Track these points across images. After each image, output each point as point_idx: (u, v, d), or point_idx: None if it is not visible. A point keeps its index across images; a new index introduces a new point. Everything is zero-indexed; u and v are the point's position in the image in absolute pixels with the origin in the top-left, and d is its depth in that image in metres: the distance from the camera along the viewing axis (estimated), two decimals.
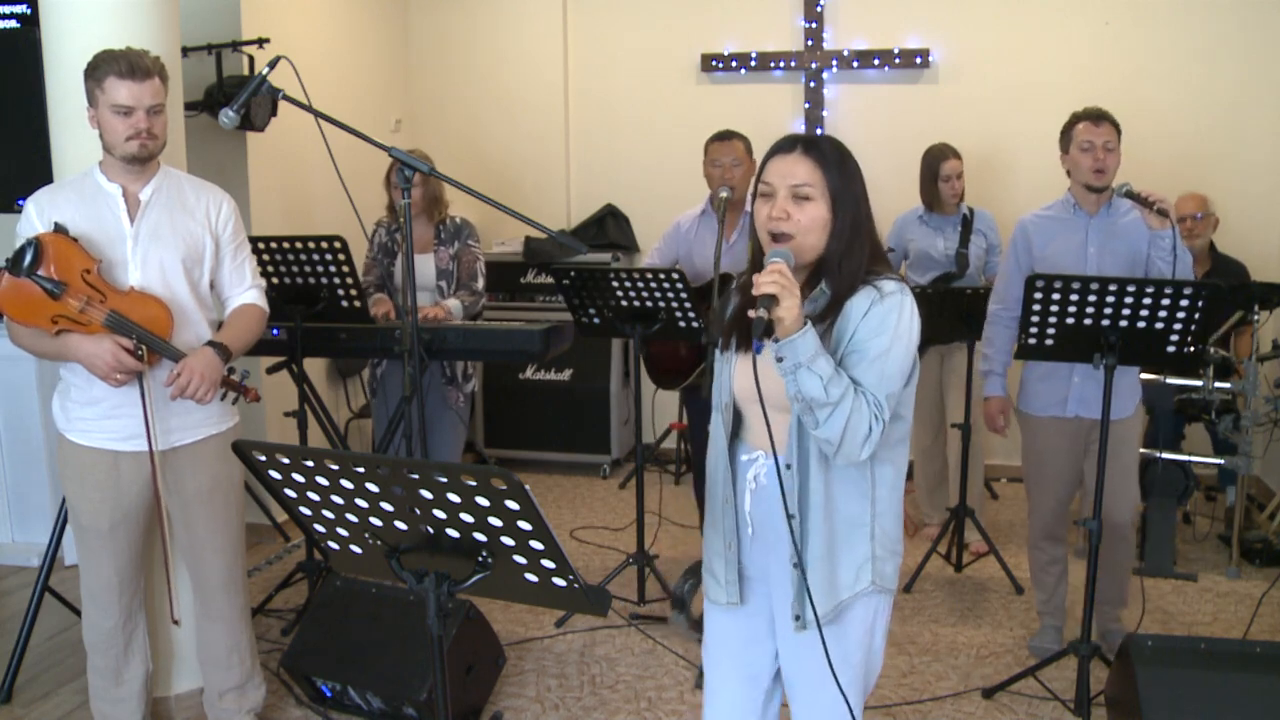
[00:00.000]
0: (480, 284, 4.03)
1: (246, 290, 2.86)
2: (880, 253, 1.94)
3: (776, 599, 2.00)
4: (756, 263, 1.95)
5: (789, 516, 1.88)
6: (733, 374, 1.98)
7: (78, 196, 2.64)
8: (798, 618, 1.92)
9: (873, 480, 1.92)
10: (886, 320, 1.83)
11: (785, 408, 1.85)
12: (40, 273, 2.51)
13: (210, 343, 2.69)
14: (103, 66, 2.54)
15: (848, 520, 1.91)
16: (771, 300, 1.73)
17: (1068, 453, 3.37)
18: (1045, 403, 3.36)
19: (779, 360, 1.77)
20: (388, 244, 4.06)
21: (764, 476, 1.96)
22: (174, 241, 2.68)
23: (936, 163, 4.51)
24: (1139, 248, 3.16)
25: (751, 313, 1.75)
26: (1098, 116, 3.23)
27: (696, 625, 3.61)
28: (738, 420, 2.02)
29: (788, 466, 1.89)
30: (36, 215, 2.62)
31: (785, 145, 1.90)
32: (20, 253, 2.52)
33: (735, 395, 1.98)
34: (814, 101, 5.58)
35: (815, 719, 2.00)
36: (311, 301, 3.62)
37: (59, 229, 2.56)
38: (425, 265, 3.94)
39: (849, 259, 1.87)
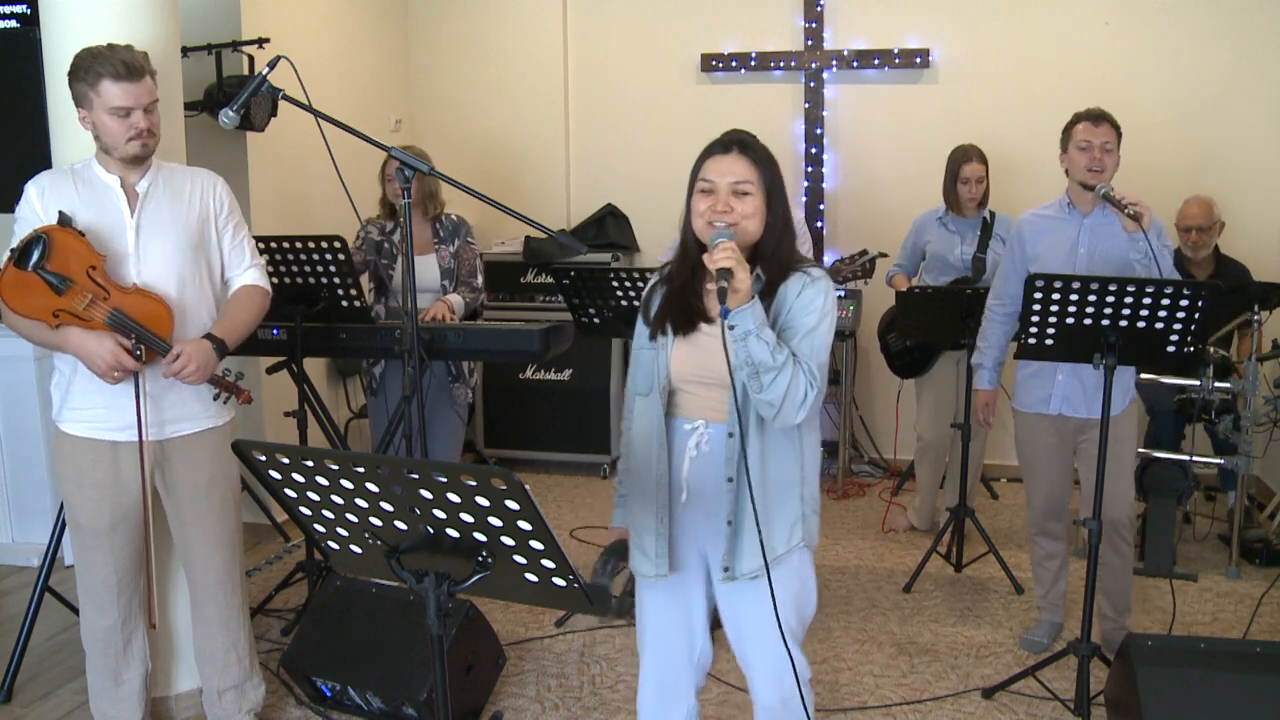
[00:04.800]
0: (480, 280, 4.04)
1: (247, 269, 2.88)
2: (796, 242, 2.19)
3: (712, 556, 2.19)
4: (687, 253, 2.15)
5: (728, 480, 2.09)
6: (670, 358, 2.14)
7: (77, 187, 2.63)
8: (726, 569, 2.13)
9: (801, 446, 2.14)
10: (815, 300, 2.07)
11: (725, 384, 2.03)
12: (47, 268, 2.49)
13: (209, 336, 2.70)
14: (94, 68, 2.47)
15: (780, 484, 2.12)
16: (728, 273, 1.92)
17: (1055, 449, 3.41)
18: (1033, 400, 3.40)
19: (731, 328, 1.95)
20: (381, 243, 4.05)
21: (705, 444, 2.13)
22: (174, 231, 2.69)
23: (957, 165, 4.39)
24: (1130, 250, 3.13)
25: (711, 285, 1.97)
26: (1098, 117, 3.25)
27: (619, 609, 3.48)
28: (670, 400, 2.17)
29: (730, 435, 2.08)
30: (37, 198, 2.60)
31: (722, 147, 2.11)
32: (28, 246, 2.49)
33: (672, 377, 2.14)
34: (814, 101, 5.57)
35: (761, 659, 2.20)
36: (311, 301, 3.61)
37: (64, 220, 2.54)
38: (428, 266, 3.94)
39: (780, 247, 2.11)
